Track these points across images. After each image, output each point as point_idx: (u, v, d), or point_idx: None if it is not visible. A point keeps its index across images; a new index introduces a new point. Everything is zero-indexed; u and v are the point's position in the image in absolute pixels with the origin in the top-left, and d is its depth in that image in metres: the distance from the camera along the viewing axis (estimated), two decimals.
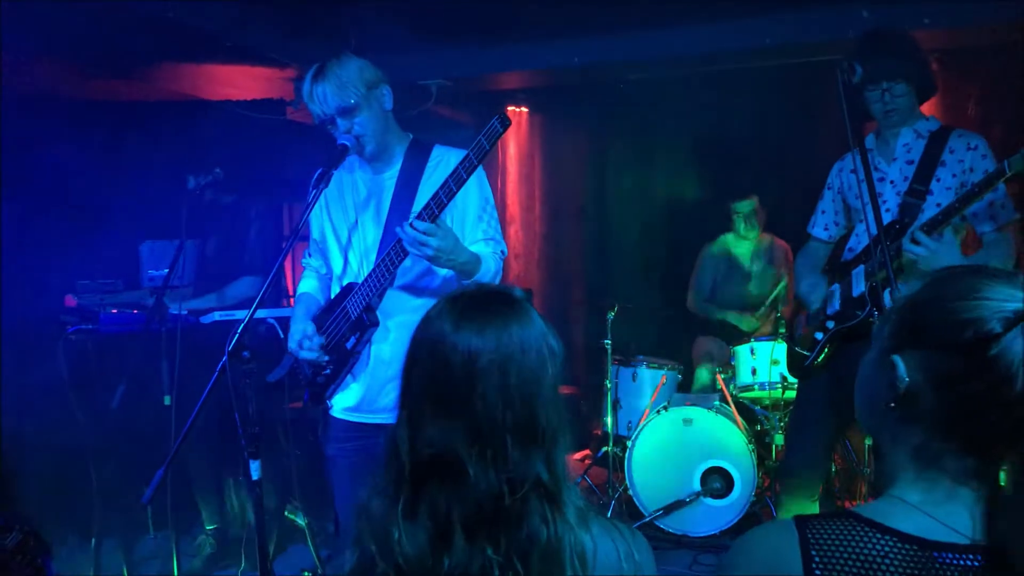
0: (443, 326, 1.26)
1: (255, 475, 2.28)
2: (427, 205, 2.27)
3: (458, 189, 2.27)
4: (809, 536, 1.08)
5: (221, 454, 3.77)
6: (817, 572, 1.05)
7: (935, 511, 1.07)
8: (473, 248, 2.47)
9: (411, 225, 2.24)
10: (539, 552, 1.19)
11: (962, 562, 1.03)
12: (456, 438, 1.22)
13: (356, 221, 2.58)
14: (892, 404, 1.11)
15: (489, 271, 2.48)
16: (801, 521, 1.10)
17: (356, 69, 2.44)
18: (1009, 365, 1.02)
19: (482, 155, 2.23)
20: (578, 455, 5.38)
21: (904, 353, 1.11)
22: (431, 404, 1.24)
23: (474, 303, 1.30)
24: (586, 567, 1.20)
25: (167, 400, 3.28)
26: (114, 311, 3.72)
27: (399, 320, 2.51)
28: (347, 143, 2.45)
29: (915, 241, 2.59)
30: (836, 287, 2.97)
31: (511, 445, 1.22)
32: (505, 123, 2.19)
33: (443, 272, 2.51)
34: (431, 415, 1.24)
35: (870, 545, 1.06)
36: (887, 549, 1.05)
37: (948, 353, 1.07)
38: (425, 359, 1.26)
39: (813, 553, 1.06)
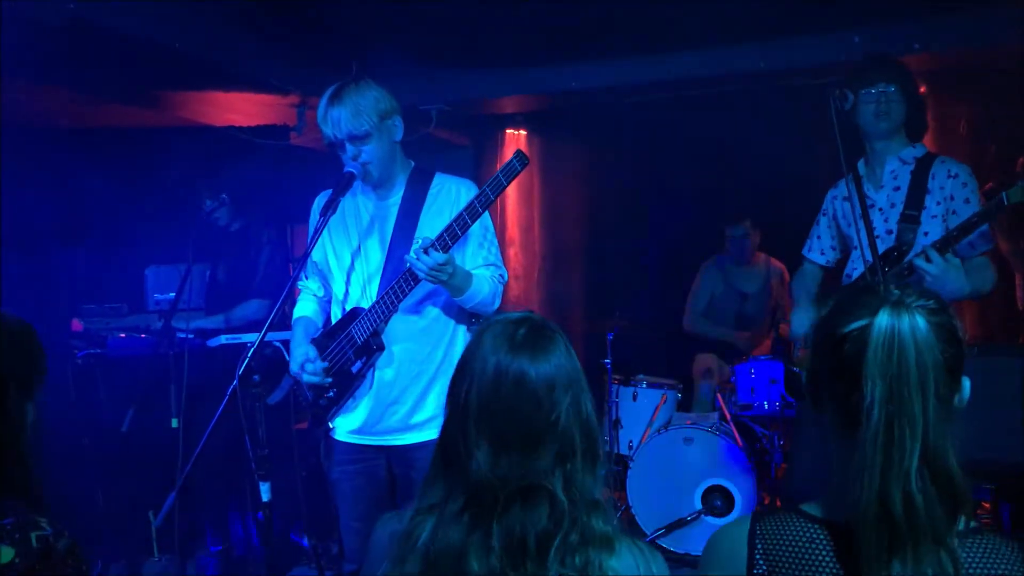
0: (522, 365, 1.31)
1: (265, 497, 2.32)
2: (440, 236, 2.33)
3: (473, 222, 2.34)
4: (757, 529, 1.28)
5: (227, 476, 3.79)
6: (758, 558, 1.26)
7: (846, 497, 1.22)
8: (475, 273, 2.53)
9: (425, 252, 2.29)
10: (594, 571, 1.26)
11: None
12: (543, 465, 1.29)
13: (359, 246, 2.63)
14: (815, 412, 1.31)
15: (491, 295, 2.55)
16: (755, 517, 1.31)
17: (373, 98, 2.48)
18: (852, 356, 1.19)
19: (498, 191, 2.31)
20: None
21: (811, 367, 1.32)
22: (518, 435, 1.29)
23: (532, 336, 1.35)
24: None
25: (175, 423, 3.32)
26: (122, 335, 3.76)
27: (403, 345, 2.56)
28: (354, 170, 2.50)
29: (928, 259, 2.65)
30: None
31: (580, 466, 1.31)
32: (523, 162, 2.27)
33: (444, 297, 2.57)
34: (518, 445, 1.29)
35: (802, 532, 1.26)
36: (815, 535, 1.25)
37: (825, 359, 1.26)
38: (510, 400, 1.30)
39: (757, 543, 1.27)
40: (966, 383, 1.25)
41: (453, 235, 2.34)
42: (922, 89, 3.10)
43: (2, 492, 1.45)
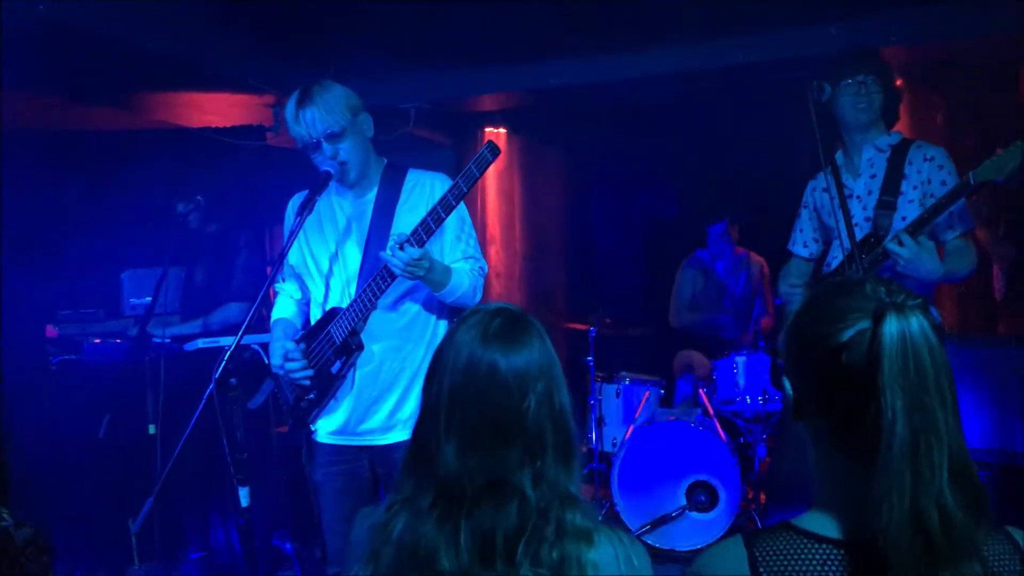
0: (493, 355, 1.30)
1: (244, 502, 2.29)
2: (415, 231, 2.31)
3: (447, 215, 2.32)
4: (756, 553, 1.17)
5: (207, 481, 3.75)
6: None
7: (853, 513, 1.14)
8: (454, 267, 2.51)
9: (400, 248, 2.27)
10: (572, 565, 1.24)
11: None
12: (511, 461, 1.27)
13: (336, 247, 2.60)
14: (796, 421, 1.22)
15: (471, 288, 2.53)
16: (748, 539, 1.19)
17: (342, 95, 2.47)
18: (859, 366, 1.11)
19: (471, 183, 2.28)
20: None
21: (792, 375, 1.22)
22: (487, 429, 1.28)
23: (507, 326, 1.34)
24: (597, 570, 1.26)
25: (152, 429, 3.28)
26: (97, 341, 3.71)
27: (383, 343, 2.53)
28: (331, 169, 2.47)
29: (900, 243, 2.66)
30: None
31: (552, 462, 1.28)
32: (495, 152, 2.25)
33: (424, 294, 2.55)
34: (487, 440, 1.27)
35: (809, 555, 1.15)
36: (824, 556, 1.14)
37: (817, 368, 1.17)
38: (480, 390, 1.29)
39: (761, 570, 1.15)
40: None
41: (428, 229, 2.32)
42: (899, 82, 3.12)
43: None
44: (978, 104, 4.68)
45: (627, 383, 4.76)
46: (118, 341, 3.74)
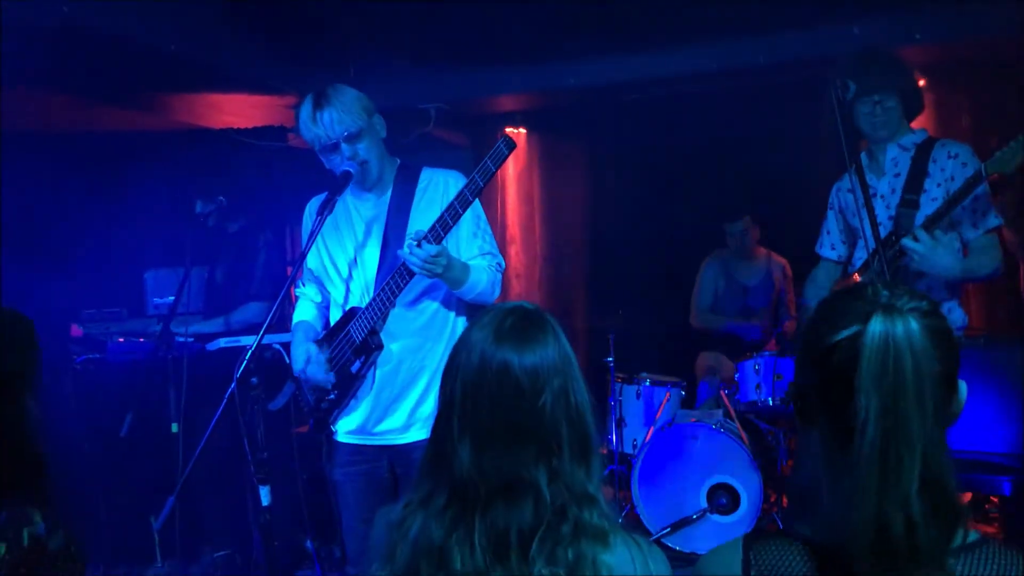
0: (506, 354, 1.29)
1: (264, 501, 2.30)
2: (432, 228, 2.31)
3: (464, 211, 2.31)
4: (751, 556, 1.17)
5: (229, 480, 3.77)
6: None
7: (839, 520, 1.11)
8: (472, 264, 2.51)
9: (418, 245, 2.27)
10: (587, 565, 1.23)
11: None
12: (526, 459, 1.26)
13: (354, 248, 2.61)
14: (803, 427, 1.21)
15: (489, 284, 2.53)
16: (748, 542, 1.19)
17: (355, 96, 2.48)
18: (844, 367, 1.10)
19: (488, 177, 2.27)
20: None
21: (797, 380, 1.21)
22: (501, 429, 1.27)
23: (520, 324, 1.33)
24: (612, 572, 1.25)
25: (174, 428, 3.30)
26: (121, 340, 3.74)
27: (402, 342, 2.53)
28: (350, 169, 2.48)
29: (915, 238, 2.63)
30: None
31: (568, 460, 1.27)
32: (510, 146, 2.24)
33: (443, 292, 2.54)
34: (501, 439, 1.27)
35: (799, 559, 1.15)
36: (813, 563, 1.13)
37: (814, 371, 1.16)
38: (493, 390, 1.28)
39: (753, 572, 1.16)
40: (963, 387, 1.17)
41: (445, 225, 2.31)
42: (922, 82, 3.08)
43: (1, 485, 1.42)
44: (1003, 104, 4.61)
45: (647, 384, 4.73)
46: (141, 340, 3.77)
